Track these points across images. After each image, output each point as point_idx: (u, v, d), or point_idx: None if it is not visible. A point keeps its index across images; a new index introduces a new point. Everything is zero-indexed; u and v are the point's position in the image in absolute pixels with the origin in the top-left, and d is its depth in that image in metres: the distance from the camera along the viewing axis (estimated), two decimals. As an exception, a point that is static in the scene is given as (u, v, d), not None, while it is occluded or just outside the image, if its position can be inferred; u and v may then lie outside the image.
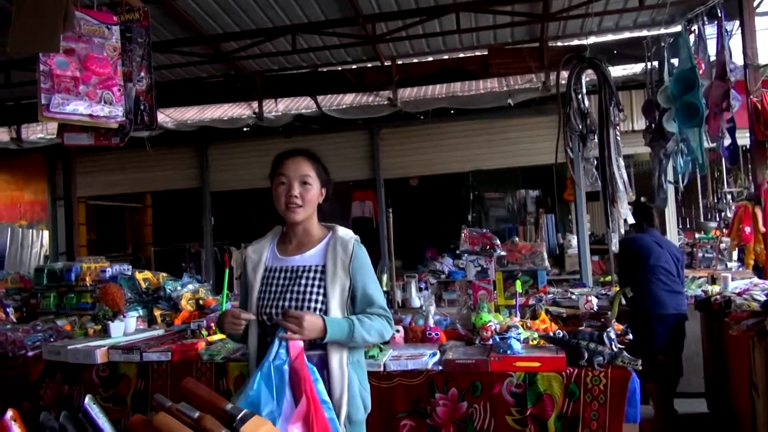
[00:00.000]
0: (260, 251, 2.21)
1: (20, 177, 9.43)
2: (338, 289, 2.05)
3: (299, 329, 1.89)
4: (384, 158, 7.93)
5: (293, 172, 2.14)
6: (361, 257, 2.13)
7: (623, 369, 2.45)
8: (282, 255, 2.17)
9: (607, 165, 3.27)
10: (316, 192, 2.17)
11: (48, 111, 2.89)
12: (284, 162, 2.18)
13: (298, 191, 2.12)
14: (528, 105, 7.08)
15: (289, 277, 2.10)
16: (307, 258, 2.13)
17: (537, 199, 9.62)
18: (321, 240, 2.17)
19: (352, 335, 1.98)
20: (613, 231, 3.40)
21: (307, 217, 2.16)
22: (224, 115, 7.54)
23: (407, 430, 2.61)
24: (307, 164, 2.17)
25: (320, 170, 2.20)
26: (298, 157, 2.17)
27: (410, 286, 4.62)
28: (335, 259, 2.09)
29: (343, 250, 2.10)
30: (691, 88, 3.34)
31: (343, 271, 2.07)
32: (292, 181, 2.13)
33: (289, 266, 2.13)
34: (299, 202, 2.12)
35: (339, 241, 2.13)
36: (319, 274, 2.08)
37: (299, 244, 2.18)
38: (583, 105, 3.49)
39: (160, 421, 1.28)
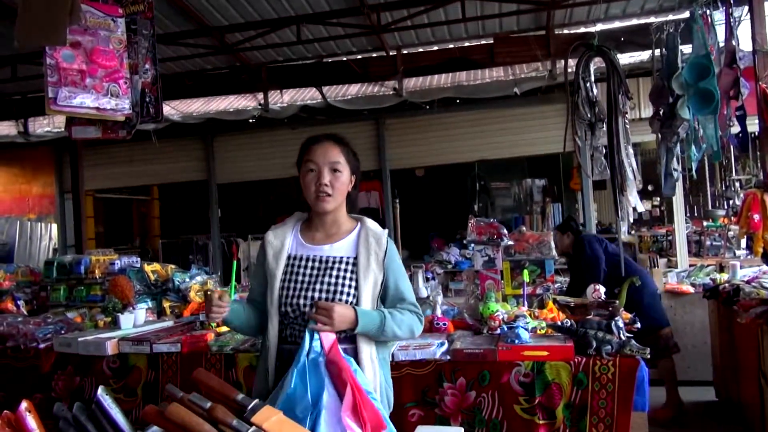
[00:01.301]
0: (282, 237, 2.08)
1: (28, 170, 9.48)
2: (371, 283, 1.99)
3: (329, 321, 1.82)
4: (390, 148, 7.92)
5: (322, 158, 2.02)
6: (393, 252, 2.07)
7: (631, 358, 2.46)
8: (309, 243, 2.06)
9: (616, 153, 3.26)
10: (346, 179, 2.06)
11: (55, 104, 2.90)
12: (313, 148, 2.06)
13: (329, 179, 2.01)
14: (534, 94, 7.04)
15: (318, 267, 2.00)
16: (338, 248, 2.04)
17: (543, 188, 9.59)
18: (351, 231, 2.08)
19: (383, 328, 1.93)
20: (623, 219, 3.38)
21: (337, 207, 2.06)
22: (230, 107, 7.54)
23: (416, 420, 2.62)
24: (337, 150, 2.05)
25: (350, 156, 2.09)
26: (328, 143, 2.06)
27: (417, 276, 4.61)
28: (368, 252, 2.01)
29: (377, 244, 2.03)
30: (706, 74, 3.30)
31: (377, 265, 2.00)
32: (322, 168, 2.01)
33: (317, 256, 2.02)
34: (329, 191, 2.01)
35: (371, 233, 2.06)
36: (351, 266, 2.00)
37: (327, 234, 2.08)
38: (591, 93, 3.47)
39: (173, 412, 1.29)
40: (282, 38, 6.08)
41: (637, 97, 6.49)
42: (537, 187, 9.69)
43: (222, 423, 1.30)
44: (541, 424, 2.48)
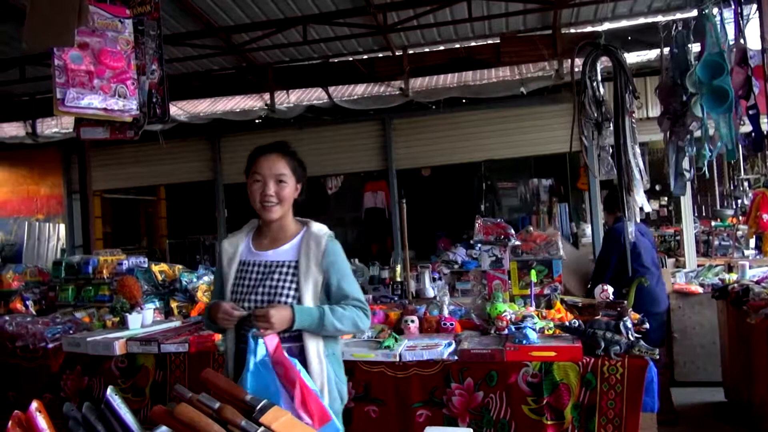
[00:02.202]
0: (236, 244, 2.24)
1: (36, 171, 9.52)
2: (311, 284, 2.10)
3: (269, 324, 1.93)
4: (396, 148, 7.90)
5: (268, 170, 2.15)
6: (333, 252, 2.16)
7: (640, 358, 2.44)
8: (257, 249, 2.20)
9: (623, 153, 3.24)
10: (291, 189, 2.19)
11: (63, 105, 2.91)
12: (259, 160, 2.18)
13: (274, 190, 2.14)
14: (541, 93, 7.01)
15: (263, 272, 2.13)
16: (281, 253, 2.16)
17: (550, 188, 9.56)
18: (295, 235, 2.20)
19: (322, 323, 2.03)
20: (629, 219, 3.36)
21: (283, 214, 2.19)
22: (236, 108, 7.55)
23: (423, 420, 2.62)
24: (283, 162, 2.17)
25: (296, 166, 2.21)
26: (274, 155, 2.18)
27: (424, 276, 4.63)
28: (308, 255, 2.12)
29: (316, 246, 2.14)
30: (720, 72, 3.27)
31: (316, 267, 2.11)
32: (267, 179, 2.15)
33: (262, 261, 2.16)
34: (274, 200, 2.14)
35: (312, 236, 2.17)
36: (292, 269, 2.12)
37: (274, 239, 2.21)
38: (598, 92, 3.45)
39: (182, 412, 1.29)
40: (288, 38, 6.09)
41: (644, 96, 6.46)
42: (543, 186, 9.66)
43: (231, 423, 1.30)
44: (549, 424, 2.47)
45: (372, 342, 2.85)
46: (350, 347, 2.76)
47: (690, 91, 3.40)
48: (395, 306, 3.63)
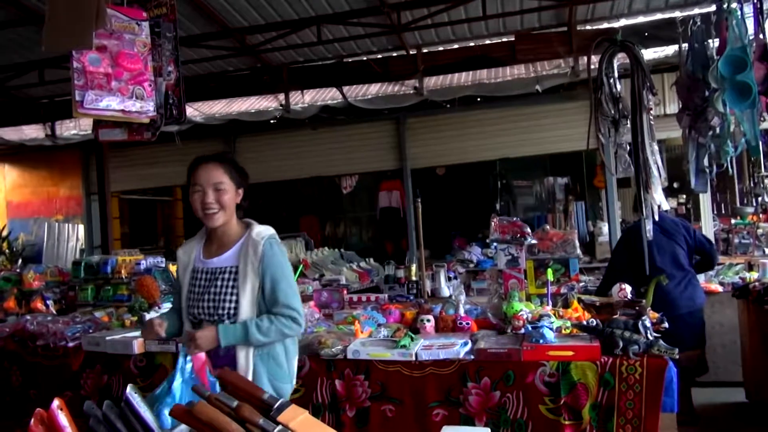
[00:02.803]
0: (189, 253, 2.32)
1: (56, 173, 9.66)
2: (249, 289, 2.17)
3: (195, 347, 2.03)
4: (411, 148, 7.90)
5: (205, 179, 2.21)
6: (270, 256, 2.20)
7: (659, 358, 2.41)
8: (205, 257, 2.29)
9: (640, 150, 3.20)
10: (231, 195, 2.24)
11: (82, 107, 2.95)
12: (197, 170, 2.24)
13: (213, 197, 2.20)
14: (556, 91, 6.96)
15: (209, 279, 2.23)
16: (224, 260, 2.24)
17: (566, 186, 9.49)
18: (238, 241, 2.26)
19: (247, 338, 2.12)
20: (647, 217, 3.32)
21: (226, 221, 2.25)
22: (251, 108, 7.59)
23: (440, 419, 2.61)
24: (219, 170, 2.23)
25: (234, 173, 2.27)
26: (211, 164, 2.24)
27: (439, 275, 4.62)
28: (246, 261, 2.18)
29: (254, 251, 2.19)
30: (743, 67, 3.22)
31: (253, 272, 2.17)
32: (206, 188, 2.21)
33: (208, 268, 2.25)
34: (215, 208, 2.20)
35: (251, 242, 2.22)
36: (233, 275, 2.19)
37: (219, 245, 2.28)
38: (615, 89, 3.41)
39: (200, 410, 1.30)
40: (302, 39, 6.11)
41: (662, 92, 6.39)
42: (559, 185, 9.58)
43: (249, 422, 1.30)
44: (566, 424, 2.45)
45: (388, 341, 2.85)
46: (366, 346, 2.76)
47: (712, 86, 3.35)
48: (411, 305, 3.62)
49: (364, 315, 3.24)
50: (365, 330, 3.02)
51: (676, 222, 4.31)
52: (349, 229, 11.24)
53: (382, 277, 6.72)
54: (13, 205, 10.15)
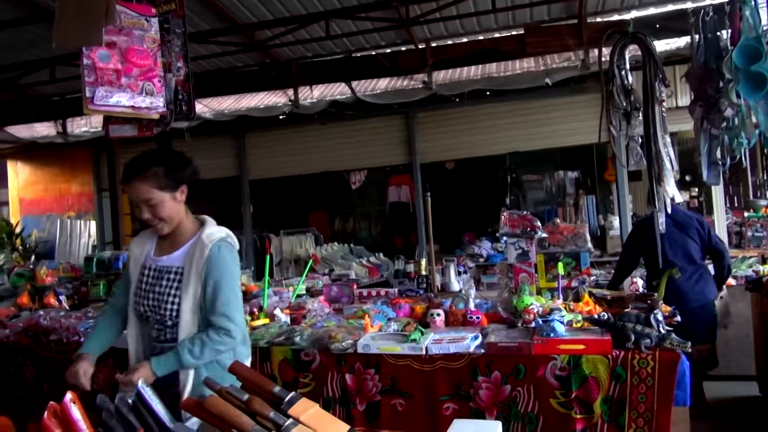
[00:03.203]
0: (141, 246, 2.27)
1: (67, 170, 9.75)
2: (191, 294, 2.11)
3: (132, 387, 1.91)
4: (420, 142, 7.88)
5: (136, 197, 2.14)
6: (216, 260, 2.12)
7: (672, 351, 2.39)
8: (156, 254, 2.24)
9: (653, 142, 3.17)
10: (168, 204, 2.14)
11: (92, 104, 2.96)
12: (126, 189, 2.18)
13: (149, 214, 2.14)
14: (566, 84, 6.92)
15: (156, 277, 2.18)
16: (172, 259, 2.19)
17: (576, 180, 9.44)
18: (189, 240, 2.20)
19: (181, 364, 2.07)
20: (660, 210, 3.29)
21: (174, 225, 2.20)
22: (260, 104, 7.60)
23: (450, 413, 2.61)
24: (144, 186, 2.11)
25: (164, 179, 2.12)
26: (135, 183, 2.12)
27: (449, 269, 4.61)
28: (191, 263, 2.13)
29: (200, 254, 2.12)
30: (758, 58, 3.18)
31: (197, 276, 2.11)
32: (140, 205, 2.14)
33: (156, 266, 2.20)
34: (155, 222, 2.16)
35: (199, 243, 2.15)
36: (178, 276, 2.14)
37: (171, 243, 2.23)
38: (626, 81, 3.38)
39: (211, 403, 1.31)
40: (311, 34, 6.11)
41: (673, 85, 6.32)
42: (570, 179, 9.53)
43: (260, 415, 1.31)
44: (578, 418, 2.44)
45: (398, 335, 2.85)
46: (376, 341, 2.76)
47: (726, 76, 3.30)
48: (420, 300, 3.62)
49: (374, 309, 3.24)
50: (375, 324, 3.02)
51: (689, 215, 4.27)
52: (359, 224, 11.25)
53: (392, 271, 6.73)
54: (26, 202, 10.25)
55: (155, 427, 1.35)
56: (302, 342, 2.87)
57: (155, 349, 2.19)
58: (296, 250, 8.55)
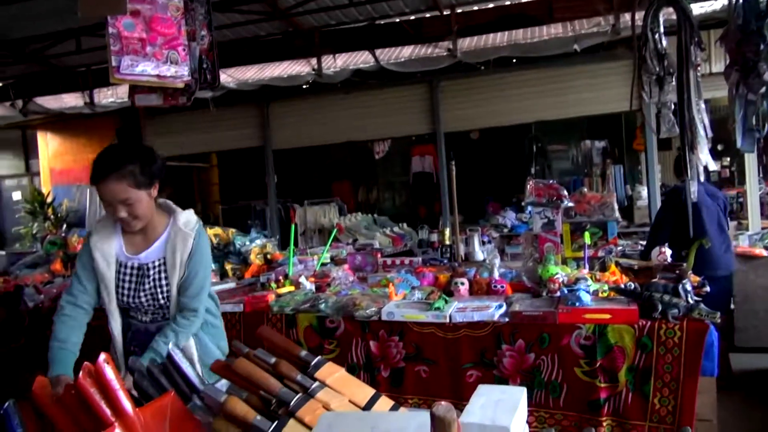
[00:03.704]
0: (108, 242, 2.19)
1: (95, 140, 9.87)
2: (176, 278, 2.17)
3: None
4: (444, 111, 7.78)
5: (111, 197, 2.05)
6: (200, 248, 2.20)
7: (700, 322, 2.36)
8: (129, 252, 2.20)
9: (686, 109, 3.07)
10: (144, 202, 2.11)
11: (118, 73, 2.98)
12: (99, 188, 2.06)
13: (125, 212, 2.08)
14: (596, 51, 6.72)
15: (139, 275, 2.18)
16: (151, 253, 2.19)
17: (603, 150, 9.27)
18: (163, 231, 2.20)
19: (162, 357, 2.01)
20: (692, 179, 3.21)
21: (147, 222, 2.17)
22: (284, 73, 7.56)
23: (473, 380, 2.63)
24: (121, 185, 2.03)
25: (140, 176, 2.07)
26: (111, 183, 2.03)
27: (473, 239, 4.59)
28: (174, 252, 2.16)
29: (183, 244, 2.17)
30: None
31: (181, 264, 2.17)
32: (115, 204, 2.07)
33: (135, 263, 2.19)
34: (130, 221, 2.11)
35: (180, 234, 2.17)
36: (162, 267, 2.18)
37: (145, 238, 2.21)
38: (660, 45, 3.26)
39: (240, 366, 1.33)
40: (334, 1, 6.03)
41: (708, 50, 6.11)
42: (597, 148, 9.37)
43: (287, 378, 1.33)
44: (602, 387, 2.44)
45: (422, 303, 2.86)
46: (400, 308, 2.78)
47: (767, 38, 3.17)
48: (444, 268, 3.62)
49: (398, 278, 3.26)
50: (399, 292, 3.04)
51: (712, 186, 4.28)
52: (382, 195, 11.25)
53: (416, 241, 6.74)
54: (56, 172, 10.46)
55: (185, 387, 1.38)
56: (327, 309, 2.90)
57: (140, 331, 2.23)
58: (320, 220, 8.61)
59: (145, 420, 1.19)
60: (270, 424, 1.20)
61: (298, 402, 1.26)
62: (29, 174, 11.57)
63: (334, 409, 1.28)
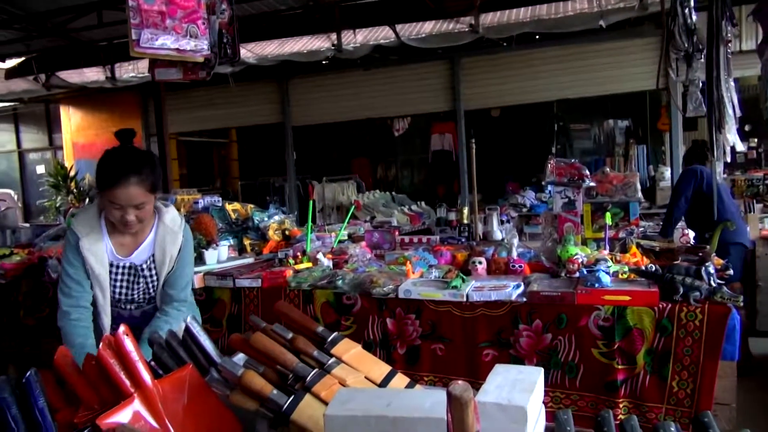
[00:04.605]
0: (98, 245, 2.18)
1: (116, 115, 9.97)
2: (164, 273, 2.26)
3: None
4: (465, 89, 7.69)
5: (126, 200, 2.05)
6: (187, 245, 2.30)
7: (722, 305, 2.33)
8: (120, 253, 2.23)
9: (715, 87, 2.98)
10: (151, 206, 2.16)
11: (138, 46, 2.98)
12: (116, 192, 2.03)
13: (134, 215, 2.09)
14: (621, 27, 6.56)
15: (132, 274, 2.24)
16: (141, 252, 2.24)
17: (627, 129, 9.11)
18: (150, 230, 2.25)
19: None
20: (718, 159, 3.13)
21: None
22: (304, 49, 7.51)
23: (489, 360, 2.63)
24: (141, 189, 2.05)
25: (152, 178, 2.09)
26: (131, 187, 2.03)
27: (492, 218, 4.55)
28: (164, 249, 2.23)
29: (172, 243, 2.25)
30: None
31: (171, 260, 2.25)
32: (126, 208, 2.07)
33: (127, 264, 2.23)
34: (136, 226, 2.14)
35: (168, 231, 2.24)
36: (152, 263, 2.25)
37: (133, 239, 2.23)
38: (690, 21, 3.16)
39: (257, 340, 1.34)
40: (355, -25, 5.94)
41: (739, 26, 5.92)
42: (620, 128, 9.22)
43: (303, 353, 1.34)
44: (620, 368, 2.43)
45: (439, 282, 2.85)
46: (417, 286, 2.78)
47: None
48: (462, 247, 3.60)
49: (416, 256, 3.25)
50: (416, 271, 3.04)
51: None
52: (401, 172, 11.22)
53: (434, 220, 6.71)
54: (78, 146, 10.59)
55: (203, 360, 1.40)
56: (344, 286, 2.91)
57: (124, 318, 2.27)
58: (338, 197, 8.62)
59: (164, 391, 1.21)
60: (286, 398, 1.21)
61: (315, 377, 1.26)
62: (53, 148, 11.75)
63: (349, 385, 1.28)
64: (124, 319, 2.27)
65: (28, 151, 12.17)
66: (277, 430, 1.22)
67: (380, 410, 0.98)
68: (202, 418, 1.23)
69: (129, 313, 2.31)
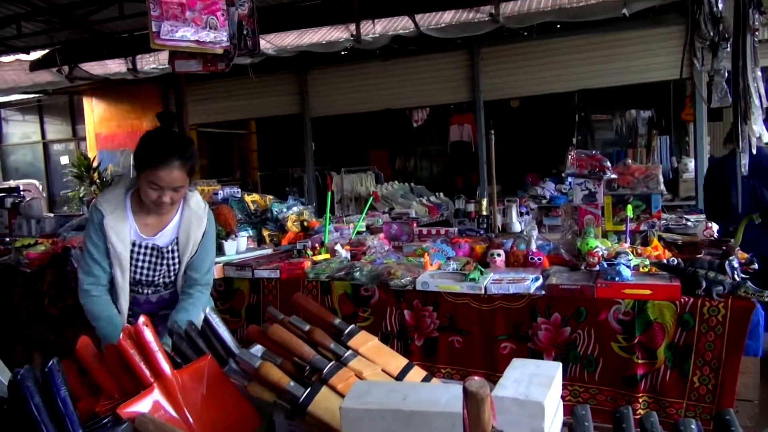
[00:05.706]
0: (122, 225, 2.18)
1: (138, 106, 10.08)
2: (187, 257, 2.28)
3: None
4: (484, 79, 7.62)
5: (167, 182, 2.07)
6: (210, 227, 2.32)
7: (746, 300, 2.28)
8: (144, 233, 2.23)
9: (740, 76, 2.91)
10: (186, 189, 2.19)
11: (159, 38, 3.00)
12: (158, 172, 2.05)
13: (170, 197, 2.12)
14: (645, 16, 6.44)
15: (156, 255, 2.24)
16: (166, 234, 2.25)
17: (649, 120, 8.96)
18: (175, 214, 2.26)
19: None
20: (743, 151, 3.07)
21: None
22: (322, 39, 7.51)
23: (507, 352, 2.62)
24: (182, 173, 2.09)
25: (191, 166, 2.14)
26: (174, 169, 2.06)
27: (511, 210, 4.52)
28: (188, 233, 2.25)
29: (197, 226, 2.27)
30: None
31: (195, 244, 2.27)
32: (165, 189, 2.09)
33: (150, 244, 2.23)
34: (167, 205, 2.15)
35: (194, 214, 2.26)
36: (176, 246, 2.26)
37: (158, 220, 2.24)
38: (716, 9, 3.09)
39: (274, 332, 1.35)
40: (374, -36, 5.90)
41: None
42: (642, 118, 9.06)
43: (320, 345, 1.34)
44: (639, 363, 2.40)
45: (457, 274, 2.84)
46: (435, 279, 2.77)
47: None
48: (481, 239, 3.58)
49: (434, 248, 3.24)
50: (434, 262, 3.03)
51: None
52: (420, 163, 11.18)
53: (452, 211, 6.69)
54: (101, 138, 10.74)
55: (222, 351, 1.41)
56: (362, 277, 2.91)
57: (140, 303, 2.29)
58: (357, 188, 8.62)
59: (183, 381, 1.22)
60: (303, 390, 1.22)
61: (331, 370, 1.27)
62: (76, 139, 11.93)
63: (366, 377, 1.28)
64: (140, 304, 2.29)
65: (53, 142, 12.37)
66: (294, 422, 1.22)
67: (396, 404, 0.98)
68: (221, 409, 1.25)
69: (145, 298, 2.30)
